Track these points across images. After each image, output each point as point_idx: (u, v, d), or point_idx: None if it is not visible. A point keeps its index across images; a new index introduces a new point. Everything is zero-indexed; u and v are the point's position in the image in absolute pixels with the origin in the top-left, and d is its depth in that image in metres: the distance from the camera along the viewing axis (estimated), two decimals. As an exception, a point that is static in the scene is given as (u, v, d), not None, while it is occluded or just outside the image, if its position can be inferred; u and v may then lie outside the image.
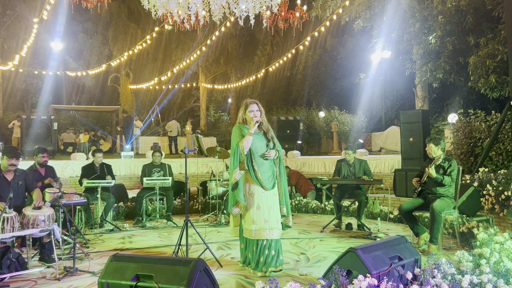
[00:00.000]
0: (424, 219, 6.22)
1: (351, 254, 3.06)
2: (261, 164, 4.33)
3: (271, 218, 4.25)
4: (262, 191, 4.28)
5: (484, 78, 8.93)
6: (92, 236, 6.28)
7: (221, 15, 5.98)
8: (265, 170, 4.32)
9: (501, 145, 8.38)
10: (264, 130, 4.45)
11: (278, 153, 4.46)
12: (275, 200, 4.35)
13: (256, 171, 4.29)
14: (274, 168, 4.44)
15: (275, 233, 4.26)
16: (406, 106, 17.29)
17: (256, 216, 4.25)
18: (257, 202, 4.27)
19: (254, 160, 4.33)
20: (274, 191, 4.35)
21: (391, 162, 10.81)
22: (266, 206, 4.26)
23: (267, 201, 4.28)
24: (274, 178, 4.39)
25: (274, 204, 4.32)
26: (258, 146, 4.37)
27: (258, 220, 4.24)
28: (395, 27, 11.80)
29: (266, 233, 4.23)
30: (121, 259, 3.01)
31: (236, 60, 23.95)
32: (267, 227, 4.23)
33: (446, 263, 3.23)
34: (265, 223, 4.23)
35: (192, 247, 5.33)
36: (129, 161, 11.01)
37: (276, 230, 4.27)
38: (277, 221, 4.30)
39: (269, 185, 4.31)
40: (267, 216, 4.24)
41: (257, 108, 4.40)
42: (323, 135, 19.30)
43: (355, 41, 19.59)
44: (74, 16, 21.09)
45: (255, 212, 4.25)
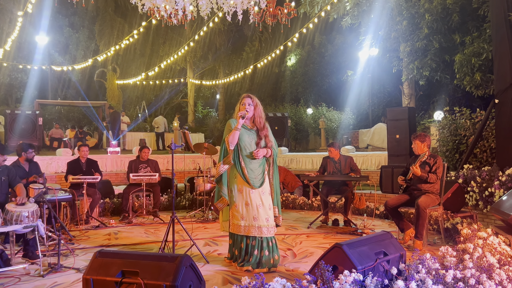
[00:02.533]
0: (409, 215, 6.29)
1: (337, 250, 3.08)
2: (249, 162, 4.25)
3: (260, 216, 4.20)
4: (249, 187, 4.23)
5: (470, 76, 9.04)
6: (78, 232, 6.22)
7: (208, 10, 5.94)
8: (253, 168, 4.25)
9: (485, 142, 8.49)
10: (257, 127, 4.32)
11: (272, 152, 4.34)
12: (265, 199, 4.25)
13: (242, 167, 4.23)
14: (265, 166, 4.34)
15: (264, 231, 4.20)
16: (393, 103, 17.43)
17: (245, 213, 4.22)
18: (245, 198, 4.23)
19: (242, 156, 4.26)
20: (262, 189, 4.26)
21: (378, 158, 10.91)
22: (254, 203, 4.21)
23: (255, 198, 4.22)
24: (263, 177, 4.29)
25: (263, 202, 4.23)
26: (247, 143, 4.28)
27: (248, 217, 4.22)
28: (383, 25, 11.86)
29: (254, 230, 4.19)
30: (106, 255, 2.98)
31: (224, 56, 23.86)
32: (256, 224, 4.19)
33: (431, 258, 3.27)
34: (254, 220, 4.20)
35: (178, 243, 5.31)
36: (116, 157, 10.92)
37: (265, 228, 4.20)
38: (266, 219, 4.22)
39: (257, 184, 4.23)
40: (256, 213, 4.20)
41: (250, 102, 4.28)
42: (310, 132, 19.38)
43: (343, 38, 19.66)
44: (59, 10, 20.79)
45: (244, 208, 4.23)
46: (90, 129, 21.03)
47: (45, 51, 20.07)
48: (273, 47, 19.36)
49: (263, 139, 4.31)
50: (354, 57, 16.17)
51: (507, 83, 6.88)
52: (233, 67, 23.91)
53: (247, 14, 6.61)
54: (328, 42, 21.40)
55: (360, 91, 17.47)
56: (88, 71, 23.02)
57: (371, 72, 16.15)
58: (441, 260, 3.49)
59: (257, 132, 4.32)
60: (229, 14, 6.00)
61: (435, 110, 13.33)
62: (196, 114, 25.36)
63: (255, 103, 4.31)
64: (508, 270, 3.39)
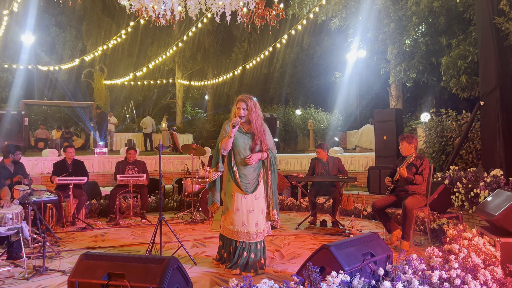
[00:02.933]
0: (396, 216, 6.33)
1: (325, 251, 3.09)
2: (244, 166, 4.15)
3: (249, 222, 4.14)
4: (241, 192, 4.16)
5: (456, 78, 9.15)
6: (64, 234, 6.14)
7: (197, 11, 5.92)
8: (247, 173, 4.16)
9: (471, 144, 8.60)
10: (253, 131, 4.17)
11: (269, 155, 4.20)
12: (257, 204, 4.17)
13: (235, 171, 4.16)
14: (260, 170, 4.22)
15: (253, 236, 4.14)
16: (380, 105, 17.56)
17: (235, 218, 4.18)
18: (236, 204, 4.18)
19: (235, 161, 4.18)
20: (256, 194, 4.17)
21: (366, 160, 10.97)
22: (245, 209, 4.15)
23: (246, 204, 4.15)
24: (257, 181, 4.18)
25: (254, 208, 4.16)
26: (242, 148, 4.17)
27: (237, 222, 4.17)
28: (370, 27, 11.95)
29: (243, 235, 4.15)
30: (92, 258, 2.95)
31: (213, 56, 23.81)
32: (245, 230, 4.14)
33: (417, 259, 3.30)
34: (242, 226, 4.15)
35: (166, 245, 5.28)
36: (103, 158, 10.83)
37: (254, 234, 4.14)
38: (255, 224, 4.15)
39: (249, 189, 4.15)
40: (245, 219, 4.14)
41: (244, 106, 4.11)
42: (299, 133, 19.43)
43: (331, 40, 19.75)
44: (46, 9, 20.53)
45: (234, 213, 4.19)
46: (77, 129, 20.81)
47: (31, 51, 19.81)
48: (262, 48, 19.38)
49: (259, 144, 4.16)
50: (342, 59, 16.26)
51: (492, 86, 6.98)
52: (222, 68, 23.87)
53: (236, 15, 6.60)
54: (317, 44, 21.48)
55: (348, 93, 17.57)
56: (75, 71, 22.79)
57: (359, 74, 16.26)
58: (427, 260, 3.52)
59: (253, 137, 4.17)
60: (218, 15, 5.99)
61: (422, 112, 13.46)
62: (185, 114, 25.26)
63: (250, 106, 4.13)
64: (493, 270, 3.43)
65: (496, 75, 6.92)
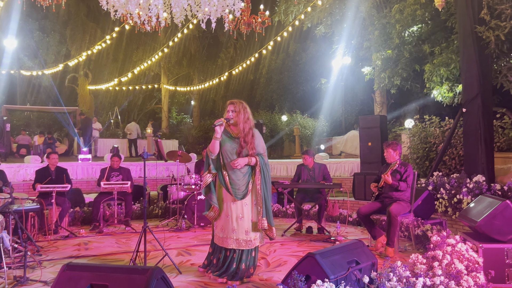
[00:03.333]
0: (381, 222, 6.38)
1: (310, 259, 3.09)
2: (233, 172, 4.10)
3: (239, 228, 4.08)
4: (231, 198, 4.11)
5: (439, 85, 9.28)
6: (46, 243, 6.03)
7: (182, 18, 5.91)
8: (236, 178, 4.09)
9: (454, 150, 8.73)
10: (241, 135, 4.11)
11: (258, 160, 4.11)
12: (246, 210, 4.10)
13: (224, 175, 4.12)
14: (251, 176, 4.14)
15: (242, 243, 4.08)
16: (365, 111, 17.72)
17: (225, 224, 4.13)
18: (226, 209, 4.14)
19: (224, 166, 4.15)
20: (245, 201, 4.10)
21: (351, 166, 11.05)
22: (234, 215, 4.10)
23: (236, 210, 4.10)
24: (247, 188, 4.10)
25: (244, 214, 4.08)
26: (229, 152, 4.12)
27: (226, 228, 4.13)
28: (355, 34, 12.08)
29: (232, 242, 4.09)
30: (74, 268, 2.89)
31: (199, 62, 23.79)
32: (234, 236, 4.09)
33: (401, 266, 3.32)
34: (232, 232, 4.10)
35: (150, 253, 5.22)
36: (87, 164, 10.70)
37: (244, 241, 4.08)
38: (245, 232, 4.09)
39: (239, 195, 4.08)
40: (235, 225, 4.09)
41: (232, 108, 4.09)
42: (285, 139, 19.48)
43: (317, 46, 19.91)
44: (29, 13, 20.27)
45: (224, 219, 4.15)
46: (61, 135, 20.52)
47: (13, 55, 19.51)
48: (248, 54, 19.42)
49: (245, 147, 4.09)
50: (328, 65, 16.40)
51: (474, 93, 7.10)
52: (208, 73, 23.85)
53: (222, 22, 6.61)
54: (303, 50, 21.63)
55: (334, 99, 17.70)
56: (59, 76, 22.51)
57: (344, 80, 16.41)
58: (412, 267, 3.55)
59: (240, 140, 4.11)
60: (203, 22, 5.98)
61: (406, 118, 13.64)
62: (170, 120, 25.14)
63: (238, 109, 4.10)
64: (475, 277, 3.48)
65: (478, 83, 7.04)
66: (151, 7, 5.34)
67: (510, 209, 4.11)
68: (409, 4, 10.16)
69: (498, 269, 3.94)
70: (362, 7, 11.54)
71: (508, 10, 6.89)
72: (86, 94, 22.78)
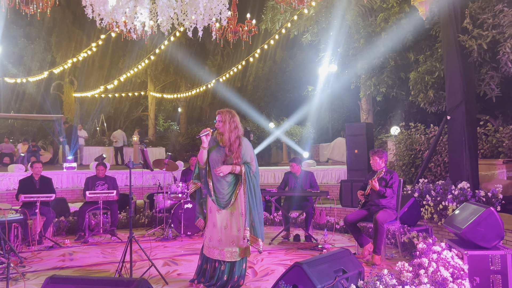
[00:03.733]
0: (368, 229, 6.40)
1: (297, 269, 3.09)
2: (217, 180, 4.09)
3: (225, 239, 4.04)
4: (216, 208, 4.09)
5: (423, 93, 9.40)
6: (30, 254, 5.93)
7: (169, 26, 5.90)
8: (221, 187, 4.07)
9: (439, 157, 8.84)
10: (227, 144, 4.10)
11: (243, 168, 4.06)
12: (234, 221, 4.04)
13: (209, 185, 4.11)
14: (236, 186, 4.09)
15: (227, 255, 4.03)
16: (351, 118, 17.85)
17: (212, 234, 4.11)
18: (212, 219, 4.11)
19: (210, 174, 4.14)
20: (231, 211, 4.06)
21: (338, 172, 11.10)
22: (221, 225, 4.06)
23: (222, 220, 4.06)
24: (231, 197, 4.06)
25: (230, 224, 4.04)
26: (215, 160, 4.11)
27: (213, 238, 4.10)
28: (341, 42, 12.19)
29: (217, 253, 4.06)
30: (58, 281, 2.85)
31: (186, 69, 23.71)
32: (220, 247, 4.05)
33: (388, 274, 3.33)
34: (218, 242, 4.07)
35: (137, 263, 5.16)
36: (72, 173, 10.56)
37: (229, 252, 4.03)
38: (231, 242, 4.04)
39: (222, 204, 4.06)
40: (222, 235, 4.06)
41: (220, 118, 4.12)
42: (273, 146, 19.51)
43: (303, 54, 20.02)
44: (14, 20, 20.04)
45: (211, 229, 4.13)
46: (46, 143, 20.27)
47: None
48: (235, 61, 19.46)
49: (230, 156, 4.07)
50: (315, 73, 16.49)
51: (458, 101, 7.21)
52: (195, 80, 23.81)
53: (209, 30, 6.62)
54: (289, 58, 21.75)
55: (321, 106, 17.79)
56: (44, 83, 22.27)
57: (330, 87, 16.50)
58: (398, 275, 3.56)
59: (225, 149, 4.11)
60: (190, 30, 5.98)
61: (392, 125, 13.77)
62: (157, 127, 25.00)
63: (224, 118, 4.12)
64: (461, 284, 3.50)
65: (462, 91, 7.16)
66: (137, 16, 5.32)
67: (494, 216, 4.16)
68: (393, 13, 10.31)
69: (483, 276, 3.98)
70: (347, 15, 11.67)
71: (490, 19, 7.03)
72: (71, 102, 22.55)
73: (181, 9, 5.59)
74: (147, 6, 5.14)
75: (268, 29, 13.09)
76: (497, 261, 4.00)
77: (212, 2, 5.45)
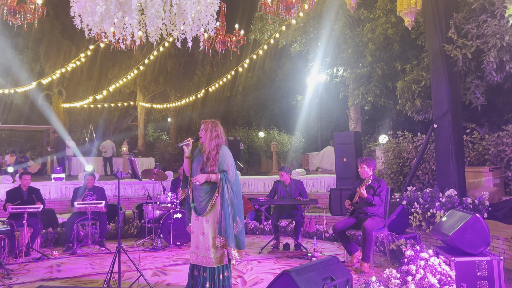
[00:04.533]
0: (357, 237, 6.43)
1: (285, 277, 3.10)
2: (195, 188, 4.18)
3: (202, 245, 4.08)
4: (195, 215, 4.18)
5: (411, 102, 9.53)
6: (17, 266, 5.85)
7: (158, 37, 5.93)
8: (198, 195, 4.13)
9: (427, 165, 8.93)
10: (205, 152, 4.19)
11: (219, 177, 4.07)
12: (207, 227, 4.07)
13: (189, 193, 4.23)
14: (213, 194, 4.10)
15: (203, 260, 4.04)
16: (340, 127, 17.98)
17: (193, 240, 4.17)
18: (193, 226, 4.19)
19: (190, 183, 4.25)
20: (207, 218, 4.08)
21: (327, 181, 11.14)
22: (198, 231, 4.14)
23: (198, 226, 4.14)
24: (207, 204, 4.09)
25: (204, 231, 4.08)
26: (195, 169, 4.21)
27: (193, 244, 4.16)
28: (329, 52, 12.33)
29: (198, 258, 4.08)
30: (45, 292, 2.83)
31: (176, 79, 23.76)
32: (197, 252, 4.10)
33: (376, 281, 3.36)
34: (196, 248, 4.12)
35: (125, 274, 5.12)
36: (60, 184, 10.46)
37: (204, 258, 4.04)
38: (206, 248, 4.04)
39: (200, 211, 4.11)
40: (198, 242, 4.11)
41: (203, 127, 4.24)
42: (262, 155, 19.55)
43: (292, 64, 20.19)
44: (2, 31, 19.94)
45: (192, 235, 4.20)
46: (34, 154, 20.05)
47: (-16, 73, 19.12)
48: (225, 71, 19.55)
49: (207, 164, 4.13)
50: (303, 82, 16.63)
51: (444, 109, 7.32)
52: (185, 90, 23.84)
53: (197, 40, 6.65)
54: (278, 68, 21.91)
55: (309, 115, 17.92)
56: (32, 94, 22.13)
57: (319, 97, 16.66)
58: (386, 282, 3.59)
59: (204, 157, 4.20)
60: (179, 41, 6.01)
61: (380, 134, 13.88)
62: (147, 137, 24.90)
63: (206, 127, 4.22)
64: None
65: (448, 99, 7.28)
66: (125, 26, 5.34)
67: (480, 223, 4.23)
68: (380, 23, 10.48)
69: (470, 282, 4.03)
70: (335, 26, 11.83)
71: (474, 29, 7.18)
72: (60, 112, 22.40)
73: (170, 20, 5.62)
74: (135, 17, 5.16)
75: (257, 39, 13.21)
76: (484, 267, 4.05)
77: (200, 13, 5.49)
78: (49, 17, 20.60)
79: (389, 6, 10.58)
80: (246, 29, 12.83)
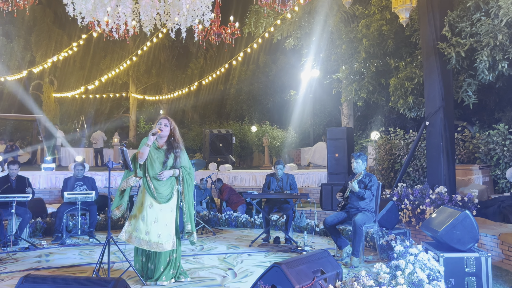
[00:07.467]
0: (347, 232, 6.46)
1: (276, 269, 3.10)
2: (155, 178, 4.39)
3: (152, 231, 4.30)
4: (152, 202, 4.34)
5: (403, 99, 9.56)
6: (4, 255, 5.79)
7: (151, 27, 5.88)
8: (160, 185, 4.38)
9: (417, 162, 8.98)
10: (169, 147, 4.46)
11: (181, 172, 4.47)
12: (162, 215, 4.35)
13: (149, 181, 4.38)
14: (174, 185, 4.48)
15: (153, 246, 4.30)
16: (333, 122, 18.02)
17: (142, 226, 4.32)
18: (144, 212, 4.34)
19: (148, 172, 4.40)
20: (167, 206, 4.38)
21: (318, 176, 11.18)
22: (151, 218, 4.32)
23: (152, 214, 4.33)
24: (169, 194, 4.42)
25: (158, 219, 4.33)
26: (154, 161, 4.43)
27: (142, 230, 4.31)
28: (323, 48, 12.32)
29: (144, 243, 4.30)
30: (33, 281, 2.80)
31: (169, 71, 23.61)
32: (146, 238, 4.30)
33: (366, 275, 3.37)
34: (146, 234, 4.31)
35: (115, 265, 5.10)
36: (50, 174, 10.38)
37: (155, 244, 4.30)
38: (158, 235, 4.30)
39: (162, 200, 4.37)
40: (149, 228, 4.30)
41: (167, 123, 4.47)
42: (255, 149, 19.53)
43: (286, 59, 20.16)
44: (-8, 18, 19.69)
45: (139, 221, 4.34)
46: (24, 143, 19.86)
47: (-26, 61, 18.85)
48: (218, 64, 19.47)
49: (170, 158, 4.43)
50: (297, 77, 16.62)
51: (436, 107, 7.36)
52: (178, 82, 23.71)
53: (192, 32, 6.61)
54: (272, 62, 21.86)
55: (303, 111, 17.92)
56: (23, 83, 21.87)
57: (312, 92, 16.66)
58: (376, 277, 3.61)
59: (165, 152, 4.45)
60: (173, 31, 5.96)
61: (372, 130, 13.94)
62: (138, 129, 24.77)
63: (173, 125, 4.53)
64: (437, 285, 3.57)
65: (440, 97, 7.31)
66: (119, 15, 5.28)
67: (469, 219, 4.26)
68: (375, 20, 10.47)
69: (458, 277, 4.06)
70: (330, 21, 11.81)
71: (468, 28, 7.21)
72: (51, 102, 22.19)
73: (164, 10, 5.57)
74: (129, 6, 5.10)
75: (252, 32, 13.16)
76: (472, 263, 4.09)
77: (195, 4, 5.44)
78: (41, 5, 20.33)
79: (384, 3, 10.57)
80: (241, 22, 12.75)
